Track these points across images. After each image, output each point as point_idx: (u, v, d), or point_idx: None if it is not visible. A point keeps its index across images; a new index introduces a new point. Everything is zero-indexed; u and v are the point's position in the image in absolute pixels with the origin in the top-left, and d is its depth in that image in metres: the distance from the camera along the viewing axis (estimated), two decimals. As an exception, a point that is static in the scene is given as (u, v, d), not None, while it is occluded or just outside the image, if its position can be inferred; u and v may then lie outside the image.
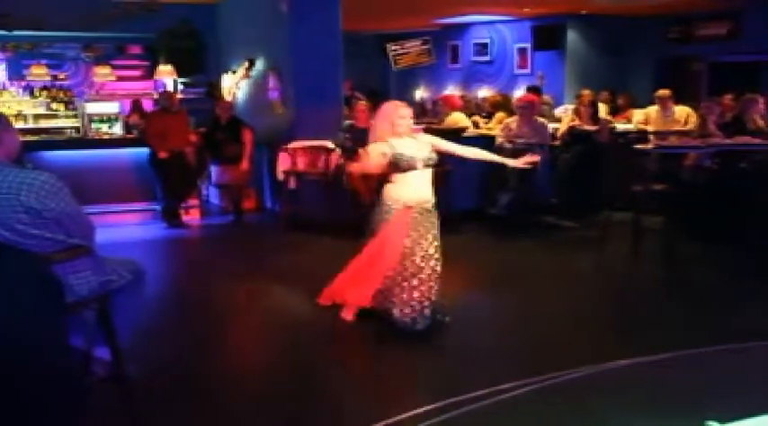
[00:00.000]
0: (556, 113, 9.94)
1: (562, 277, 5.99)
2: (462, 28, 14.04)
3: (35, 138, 9.09)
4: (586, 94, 8.97)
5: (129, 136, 9.15)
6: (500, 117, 8.94)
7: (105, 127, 10.21)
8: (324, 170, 7.64)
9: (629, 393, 3.60)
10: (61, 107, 11.03)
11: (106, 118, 10.38)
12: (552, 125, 8.35)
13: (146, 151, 8.01)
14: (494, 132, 8.25)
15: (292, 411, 3.55)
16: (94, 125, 10.26)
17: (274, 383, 3.98)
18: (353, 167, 5.29)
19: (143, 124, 8.73)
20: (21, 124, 10.28)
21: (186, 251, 7.55)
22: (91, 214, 3.34)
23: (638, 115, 9.51)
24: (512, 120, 7.89)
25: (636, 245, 6.46)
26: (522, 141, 7.47)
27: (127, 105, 10.64)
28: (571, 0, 10.84)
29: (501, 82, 13.29)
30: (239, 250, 7.26)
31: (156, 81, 10.76)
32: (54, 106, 11.01)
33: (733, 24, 11.42)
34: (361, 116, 7.81)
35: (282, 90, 8.54)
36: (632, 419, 3.31)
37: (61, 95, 11.06)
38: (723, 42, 11.52)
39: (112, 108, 10.54)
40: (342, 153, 7.55)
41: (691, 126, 8.29)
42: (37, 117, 10.87)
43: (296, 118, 8.22)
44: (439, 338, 4.52)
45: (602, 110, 9.07)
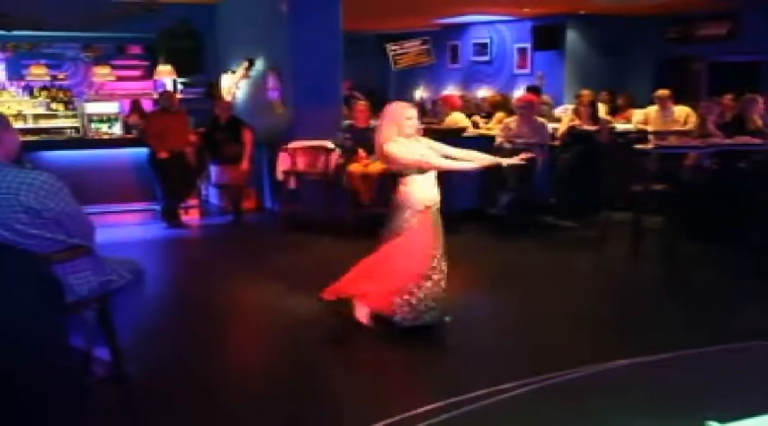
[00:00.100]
0: (555, 113, 9.93)
1: (562, 277, 5.99)
2: (462, 28, 14.05)
3: (35, 138, 9.07)
4: (586, 94, 8.98)
5: (129, 136, 9.13)
6: (499, 117, 8.93)
7: (105, 127, 10.23)
8: (323, 170, 7.65)
9: (628, 393, 3.61)
10: (61, 107, 11.02)
11: (106, 118, 10.41)
12: (552, 125, 8.34)
13: (145, 151, 8.00)
14: (493, 132, 8.24)
15: (292, 411, 3.56)
16: (94, 125, 10.27)
17: (274, 383, 3.98)
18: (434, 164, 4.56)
19: (142, 124, 8.72)
20: (20, 124, 10.25)
21: (186, 251, 7.55)
22: (91, 214, 3.34)
23: (637, 115, 9.50)
24: (511, 120, 7.89)
25: (635, 245, 6.46)
26: (522, 141, 7.46)
27: (126, 105, 10.63)
28: (571, 0, 10.85)
29: (500, 82, 13.29)
30: (239, 250, 7.25)
31: (156, 81, 10.76)
32: (53, 106, 10.99)
33: (732, 24, 11.43)
34: (360, 116, 7.82)
35: (282, 90, 8.53)
36: (632, 419, 3.31)
37: (61, 95, 11.04)
38: (723, 42, 11.53)
39: (112, 108, 10.56)
40: (341, 153, 7.56)
41: (690, 126, 8.29)
42: (36, 117, 10.86)
43: (295, 118, 8.22)
44: (439, 338, 4.53)
45: (601, 110, 9.07)
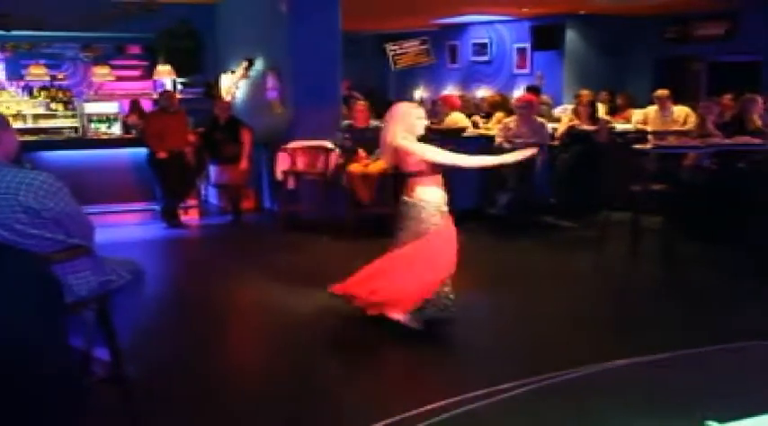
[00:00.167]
0: (555, 113, 9.93)
1: (561, 277, 6.00)
2: (461, 28, 14.05)
3: (34, 138, 9.06)
4: (585, 94, 8.98)
5: (128, 136, 9.12)
6: (499, 117, 8.94)
7: (104, 127, 10.21)
8: (323, 170, 7.65)
9: (627, 393, 3.61)
10: (60, 107, 11.00)
11: (105, 118, 10.39)
12: (551, 125, 8.35)
13: (144, 151, 7.99)
14: (493, 132, 8.25)
15: (292, 411, 3.56)
16: (93, 125, 10.25)
17: (274, 383, 3.98)
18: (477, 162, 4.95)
19: (142, 124, 8.71)
20: (19, 124, 10.24)
21: (185, 251, 7.55)
22: (90, 214, 3.34)
23: (636, 115, 9.51)
24: (511, 120, 7.89)
25: (635, 245, 6.46)
26: (521, 141, 7.45)
27: (126, 105, 10.61)
28: (570, 0, 10.85)
29: (500, 82, 13.29)
30: (238, 250, 7.25)
31: (155, 81, 10.75)
32: (53, 106, 10.97)
33: (731, 24, 11.44)
34: (359, 116, 7.82)
35: (281, 90, 8.53)
36: (631, 419, 3.31)
37: (60, 95, 11.02)
38: (722, 42, 11.54)
39: (111, 108, 10.54)
40: (341, 153, 7.56)
41: (689, 126, 8.29)
42: (36, 117, 10.84)
43: (295, 118, 8.22)
44: (438, 338, 4.53)
45: (600, 110, 9.08)
